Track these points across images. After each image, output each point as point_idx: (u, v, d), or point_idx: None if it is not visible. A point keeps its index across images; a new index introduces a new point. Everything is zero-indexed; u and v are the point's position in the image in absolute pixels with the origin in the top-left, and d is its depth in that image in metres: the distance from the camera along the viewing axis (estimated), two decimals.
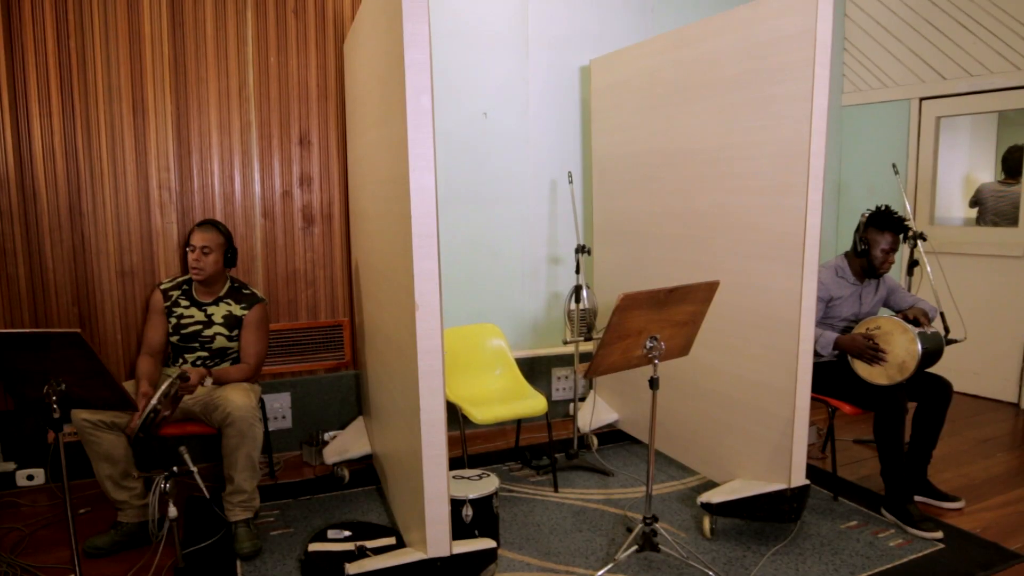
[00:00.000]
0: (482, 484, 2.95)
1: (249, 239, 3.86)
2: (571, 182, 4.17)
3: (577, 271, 3.88)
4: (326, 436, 4.00)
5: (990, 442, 4.34)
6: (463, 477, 3.04)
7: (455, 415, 3.45)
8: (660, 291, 2.50)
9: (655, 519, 2.84)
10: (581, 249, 3.88)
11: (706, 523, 3.11)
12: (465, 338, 3.94)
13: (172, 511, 2.43)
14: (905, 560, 2.90)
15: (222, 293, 3.32)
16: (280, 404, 3.99)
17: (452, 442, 3.85)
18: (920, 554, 2.96)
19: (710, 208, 3.42)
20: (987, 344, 5.14)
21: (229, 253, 3.31)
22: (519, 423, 4.03)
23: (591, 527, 3.19)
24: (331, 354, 4.10)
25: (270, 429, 3.88)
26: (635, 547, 2.82)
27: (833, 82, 5.84)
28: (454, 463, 3.49)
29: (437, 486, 2.41)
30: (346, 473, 3.67)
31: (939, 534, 3.09)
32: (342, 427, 4.09)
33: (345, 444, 3.80)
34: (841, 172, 6.02)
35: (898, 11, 5.51)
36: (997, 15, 4.96)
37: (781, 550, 2.98)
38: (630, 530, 3.08)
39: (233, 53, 3.71)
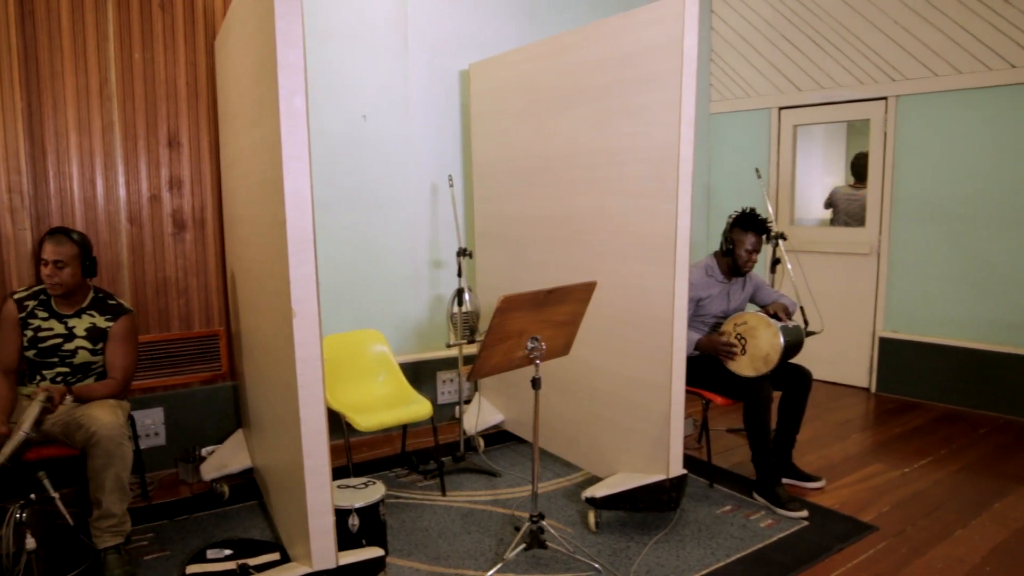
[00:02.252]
0: (368, 492, 2.91)
1: (114, 246, 3.63)
2: (452, 185, 4.18)
3: (459, 274, 3.90)
4: (203, 451, 3.83)
5: (846, 425, 4.69)
6: (348, 486, 2.99)
7: (339, 423, 3.38)
8: (539, 292, 2.55)
9: (542, 516, 2.89)
10: (463, 252, 3.90)
11: (591, 517, 3.19)
12: (347, 345, 3.88)
13: (30, 542, 2.25)
14: (775, 539, 3.10)
15: (85, 304, 3.11)
16: (152, 420, 3.78)
17: (336, 451, 3.77)
18: (788, 532, 3.16)
19: (587, 211, 3.52)
20: (842, 335, 5.56)
21: (87, 263, 3.07)
22: (405, 428, 4.00)
23: (480, 528, 3.21)
24: (207, 365, 3.93)
25: (142, 447, 3.66)
26: (523, 545, 2.86)
27: (701, 91, 6.16)
28: (339, 472, 3.42)
29: (320, 497, 2.36)
30: (226, 489, 3.52)
31: (804, 513, 3.31)
32: (220, 441, 3.92)
33: (224, 459, 3.65)
34: (710, 176, 6.34)
35: (758, 26, 5.87)
36: (843, 34, 5.38)
37: (662, 538, 3.11)
38: (518, 529, 3.12)
39: (93, 48, 3.49)
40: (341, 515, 2.75)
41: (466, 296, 3.85)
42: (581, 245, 3.59)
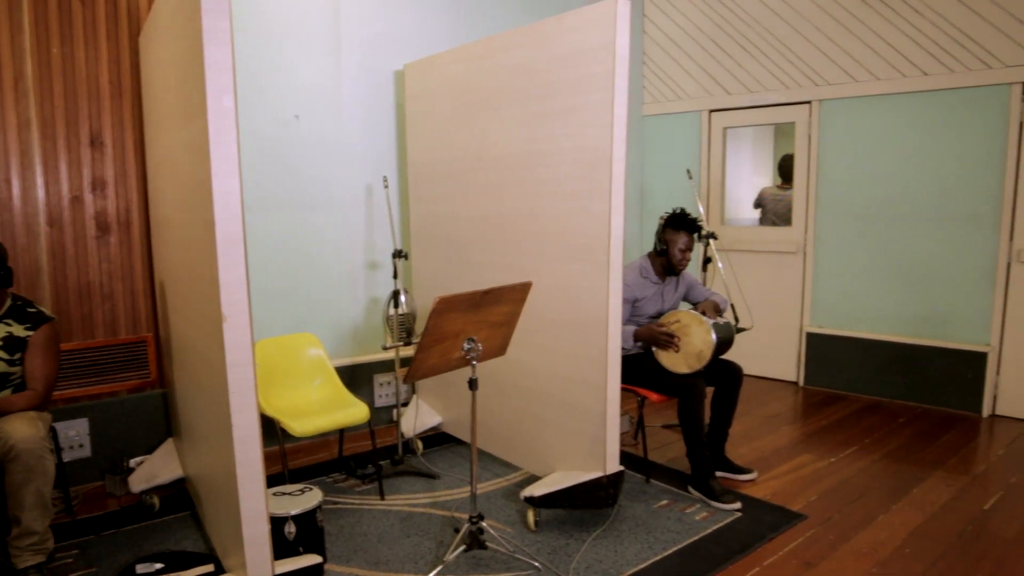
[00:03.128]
0: (304, 499, 2.87)
1: (32, 250, 3.48)
2: (387, 187, 4.15)
3: (395, 276, 3.88)
4: (132, 462, 3.70)
5: (776, 418, 4.85)
6: (284, 493, 2.94)
7: (273, 429, 3.32)
8: (475, 293, 2.56)
9: (481, 517, 2.90)
10: (398, 254, 3.88)
11: (530, 516, 3.22)
12: (281, 349, 3.81)
13: None
14: (709, 531, 3.18)
15: (2, 313, 2.96)
16: (76, 431, 3.63)
17: (271, 458, 3.71)
18: (722, 524, 3.25)
19: (522, 212, 3.55)
20: (771, 331, 5.74)
21: (1, 272, 2.92)
22: (342, 433, 3.95)
23: (419, 531, 3.19)
24: (134, 373, 3.80)
25: (65, 460, 3.52)
26: (463, 547, 2.87)
27: (633, 93, 6.27)
28: (274, 479, 3.36)
29: (254, 505, 2.31)
30: (156, 500, 3.41)
31: (737, 504, 3.41)
32: (150, 451, 3.80)
33: (154, 469, 3.53)
34: (643, 177, 6.46)
35: (689, 31, 6.01)
36: (770, 40, 5.56)
37: (601, 535, 3.15)
38: (457, 530, 3.12)
39: (6, 39, 3.33)
40: (277, 523, 2.71)
41: (402, 298, 3.83)
42: (517, 246, 3.61)
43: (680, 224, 3.71)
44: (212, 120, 2.13)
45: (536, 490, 3.19)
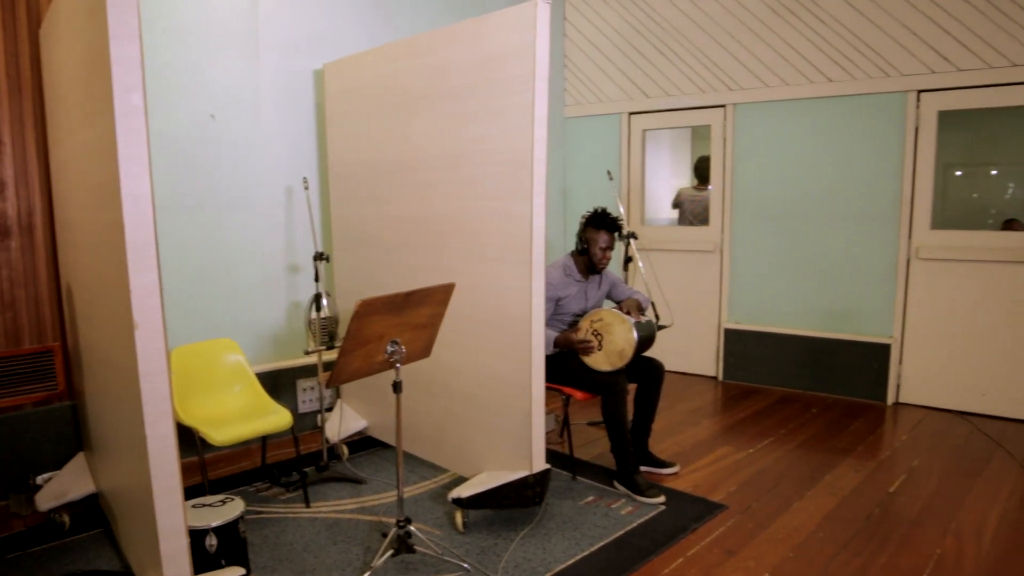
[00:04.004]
0: (226, 510, 2.79)
1: None
2: (307, 188, 4.07)
3: (316, 279, 3.81)
4: (39, 479, 3.51)
5: (697, 412, 4.99)
6: (204, 505, 2.85)
7: (192, 439, 3.22)
8: (398, 295, 2.54)
9: (408, 521, 2.88)
10: (320, 256, 3.82)
11: (458, 518, 3.21)
12: (199, 356, 3.69)
13: None
14: (635, 525, 3.25)
15: None
16: None
17: (190, 468, 3.59)
18: (647, 517, 3.33)
19: (446, 212, 3.54)
20: (691, 328, 5.91)
21: None
22: (264, 440, 3.85)
23: (346, 538, 3.15)
24: (40, 385, 3.60)
25: None
26: (391, 551, 2.84)
27: (555, 95, 6.35)
28: (194, 491, 3.26)
29: (172, 519, 2.23)
30: (67, 519, 3.25)
31: (661, 498, 3.49)
32: (59, 466, 3.61)
33: (63, 486, 3.36)
34: (566, 179, 6.55)
35: (609, 35, 6.13)
36: (686, 45, 5.72)
37: (528, 533, 3.18)
38: (385, 535, 3.09)
39: None
40: (197, 536, 2.62)
41: (324, 301, 3.77)
42: (441, 247, 3.60)
43: (601, 223, 3.77)
44: (119, 118, 2.04)
45: (463, 491, 3.19)
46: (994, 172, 5.65)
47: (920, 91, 4.83)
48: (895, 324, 5.07)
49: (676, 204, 6.27)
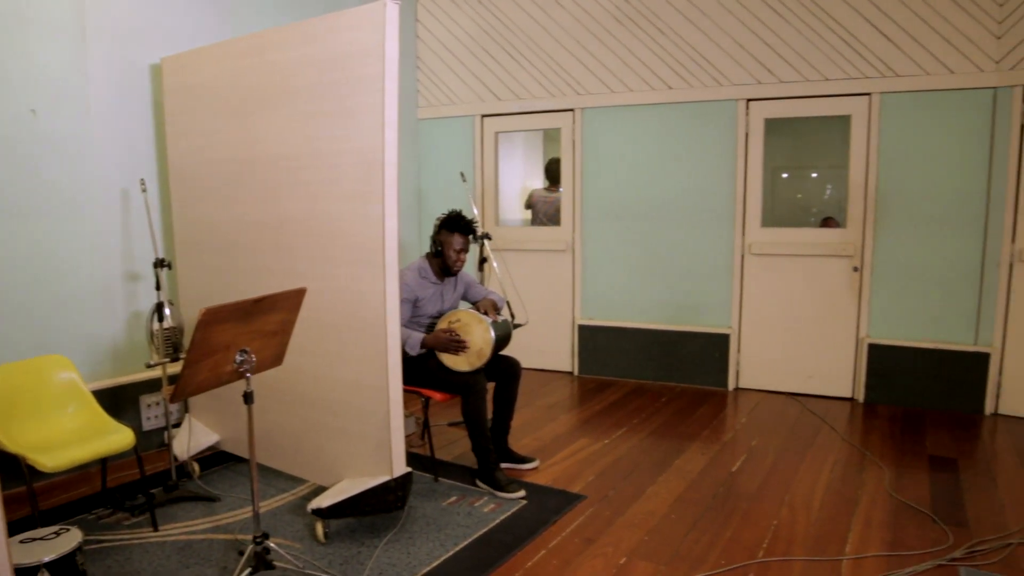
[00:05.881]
0: (60, 542, 2.58)
1: None
2: (145, 190, 3.81)
3: (158, 287, 3.57)
4: None
5: (555, 407, 5.13)
6: (35, 539, 2.61)
7: (18, 468, 2.93)
8: (245, 302, 2.44)
9: (266, 536, 2.77)
10: (161, 263, 3.58)
11: (319, 528, 3.13)
12: (23, 374, 3.35)
13: None
14: (498, 521, 3.30)
15: None
16: None
17: (16, 500, 3.27)
18: (509, 513, 3.38)
19: (297, 215, 3.43)
20: (546, 325, 6.07)
21: None
22: (104, 462, 3.55)
23: (200, 560, 2.97)
24: None
25: None
26: (248, 570, 2.72)
27: (407, 97, 6.31)
28: (23, 524, 2.96)
29: None
30: None
31: (522, 493, 3.56)
32: None
33: None
34: (420, 180, 6.53)
35: (460, 37, 6.17)
36: (535, 50, 5.87)
37: (392, 538, 3.14)
38: (242, 553, 2.95)
39: None
40: (27, 574, 2.39)
41: (167, 311, 3.55)
42: (292, 250, 3.48)
43: (455, 226, 3.79)
44: None
45: (323, 501, 3.11)
46: (814, 175, 6.23)
47: (749, 100, 5.23)
48: (733, 315, 5.45)
49: (529, 205, 6.42)
